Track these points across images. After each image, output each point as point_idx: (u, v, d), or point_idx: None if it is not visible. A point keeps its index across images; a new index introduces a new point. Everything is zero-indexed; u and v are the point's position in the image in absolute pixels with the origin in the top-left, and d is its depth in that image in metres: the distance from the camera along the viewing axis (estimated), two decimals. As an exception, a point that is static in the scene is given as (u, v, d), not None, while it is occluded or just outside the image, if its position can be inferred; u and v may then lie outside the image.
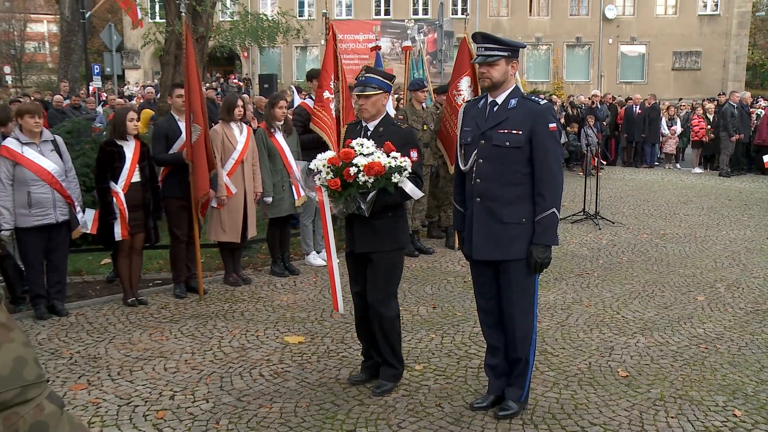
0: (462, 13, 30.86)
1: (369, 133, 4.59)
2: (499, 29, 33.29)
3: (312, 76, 9.00)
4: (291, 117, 8.14)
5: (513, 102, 4.18)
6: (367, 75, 4.60)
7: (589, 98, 19.36)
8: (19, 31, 43.81)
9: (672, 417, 4.33)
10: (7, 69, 38.89)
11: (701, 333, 5.84)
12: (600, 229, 10.24)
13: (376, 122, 4.62)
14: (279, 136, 7.52)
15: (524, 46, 4.61)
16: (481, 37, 4.21)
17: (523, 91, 4.35)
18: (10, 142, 6.04)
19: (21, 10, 44.25)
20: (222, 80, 32.69)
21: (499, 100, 4.22)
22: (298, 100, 10.49)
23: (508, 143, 4.11)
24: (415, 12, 37.06)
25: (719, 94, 19.77)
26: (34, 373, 1.13)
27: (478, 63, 4.24)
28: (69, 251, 6.71)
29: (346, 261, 4.81)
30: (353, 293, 4.82)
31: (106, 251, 7.22)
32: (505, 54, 4.14)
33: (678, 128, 18.32)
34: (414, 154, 4.50)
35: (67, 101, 16.01)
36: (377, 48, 10.78)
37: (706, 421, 4.29)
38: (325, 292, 6.99)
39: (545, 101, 4.25)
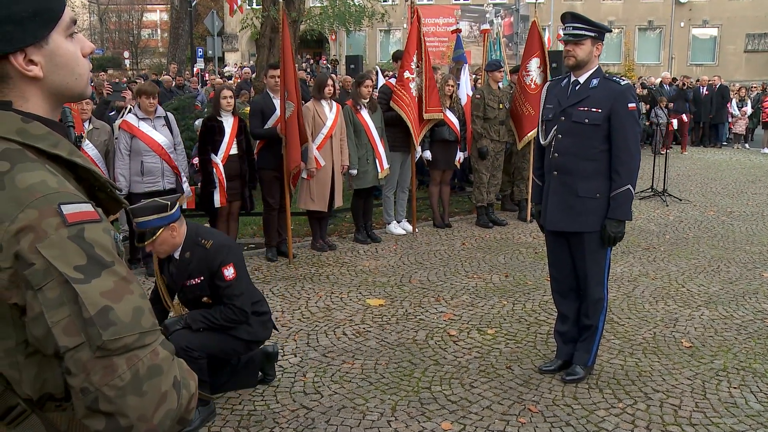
0: (537, -2, 30.04)
1: (176, 262, 3.86)
2: (573, 13, 32.19)
3: (397, 57, 8.94)
4: (376, 96, 8.14)
5: (595, 82, 4.06)
6: (140, 221, 3.65)
7: (680, 80, 18.43)
8: (137, 21, 45.43)
9: (735, 387, 4.18)
10: (126, 54, 40.31)
11: (766, 308, 5.58)
12: (667, 205, 9.89)
13: (179, 250, 3.83)
14: (365, 113, 7.53)
15: (610, 30, 4.44)
16: (570, 17, 4.08)
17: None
18: (130, 118, 6.30)
19: (139, 2, 45.82)
20: (312, 61, 32.90)
21: (582, 79, 4.10)
22: (381, 81, 10.47)
23: (587, 120, 4.00)
24: (493, -4, 36.33)
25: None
26: (149, 322, 1.16)
27: (564, 41, 4.11)
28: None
29: None
30: None
31: (206, 217, 7.42)
32: (592, 35, 4.01)
33: (748, 109, 17.47)
34: (229, 272, 3.77)
35: (174, 81, 16.51)
36: (458, 31, 10.63)
37: (769, 393, 4.12)
38: (404, 259, 7.01)
39: (626, 82, 4.12)
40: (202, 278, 3.81)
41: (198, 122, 7.48)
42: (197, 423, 3.67)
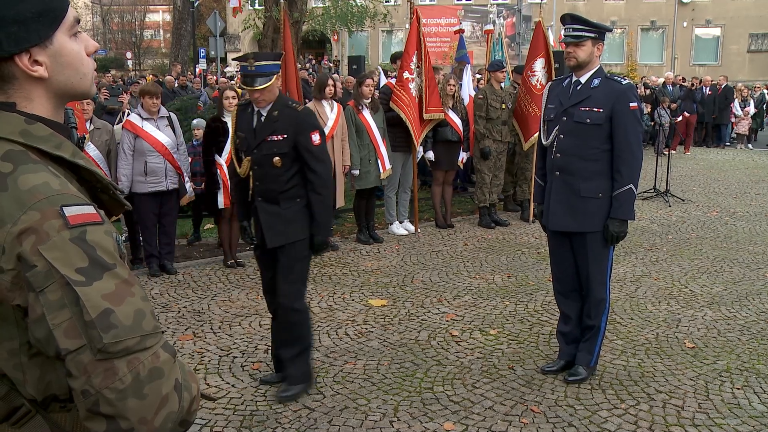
0: (540, -2, 30.00)
1: (262, 118, 3.87)
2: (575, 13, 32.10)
3: (396, 57, 8.94)
4: (378, 96, 8.13)
5: (596, 81, 4.06)
6: (257, 64, 3.73)
7: (689, 81, 18.34)
8: (139, 21, 45.54)
9: (738, 388, 4.17)
10: (128, 54, 40.40)
11: (770, 309, 5.59)
12: (670, 206, 9.88)
13: (269, 106, 3.86)
14: (366, 113, 7.52)
15: (611, 30, 4.44)
16: (570, 18, 4.09)
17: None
18: (133, 117, 6.31)
19: (141, 2, 45.91)
20: (314, 62, 32.89)
21: (583, 79, 4.10)
22: (384, 81, 10.47)
23: (588, 120, 4.00)
24: (495, -4, 36.25)
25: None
26: (151, 325, 1.16)
27: (565, 42, 4.12)
28: (177, 216, 6.93)
29: (255, 256, 4.29)
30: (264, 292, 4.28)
31: (210, 217, 7.43)
32: (592, 35, 4.02)
33: (751, 109, 17.42)
34: (315, 137, 3.83)
35: (177, 81, 16.52)
36: (461, 31, 10.62)
37: (772, 394, 4.11)
38: (406, 259, 7.01)
39: (627, 81, 4.12)
40: (285, 136, 3.83)
41: (195, 122, 7.47)
42: (297, 390, 3.98)
